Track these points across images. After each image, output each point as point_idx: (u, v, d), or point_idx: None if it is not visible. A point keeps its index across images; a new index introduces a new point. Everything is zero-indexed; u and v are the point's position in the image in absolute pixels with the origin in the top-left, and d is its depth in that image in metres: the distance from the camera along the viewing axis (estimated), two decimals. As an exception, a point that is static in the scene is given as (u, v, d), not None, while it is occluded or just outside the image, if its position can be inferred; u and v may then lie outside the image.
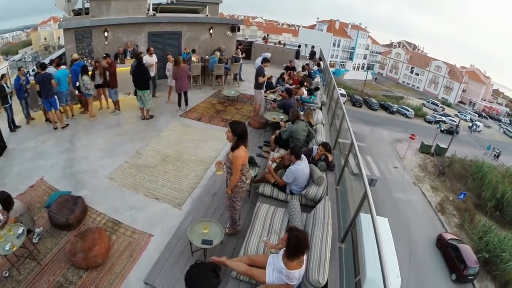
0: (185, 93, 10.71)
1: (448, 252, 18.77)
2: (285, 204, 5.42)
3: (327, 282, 3.68)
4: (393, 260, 12.57)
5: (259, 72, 9.68)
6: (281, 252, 3.70)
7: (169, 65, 11.37)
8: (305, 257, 3.63)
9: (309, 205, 5.43)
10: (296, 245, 3.43)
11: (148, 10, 13.27)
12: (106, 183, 6.54)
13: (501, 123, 71.21)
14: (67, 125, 9.06)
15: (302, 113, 8.79)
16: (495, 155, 39.90)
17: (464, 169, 32.53)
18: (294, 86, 10.68)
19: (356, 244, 11.86)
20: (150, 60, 11.14)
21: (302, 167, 5.48)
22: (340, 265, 4.33)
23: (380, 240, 3.34)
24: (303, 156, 5.64)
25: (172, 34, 14.14)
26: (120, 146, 8.11)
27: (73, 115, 9.85)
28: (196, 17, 15.58)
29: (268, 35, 25.53)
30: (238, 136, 4.22)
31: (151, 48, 11.55)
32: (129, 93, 11.47)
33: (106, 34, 12.18)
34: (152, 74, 11.13)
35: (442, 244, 19.60)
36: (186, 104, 10.92)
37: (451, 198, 26.20)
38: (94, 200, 5.94)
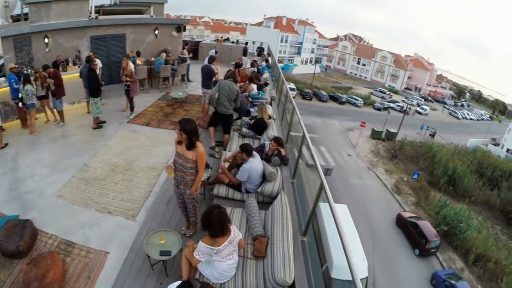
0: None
1: (408, 230, 19.74)
2: (242, 203, 5.27)
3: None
4: (357, 244, 12.92)
5: (210, 72, 9.55)
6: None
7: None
8: (230, 245, 3.62)
9: (266, 202, 5.31)
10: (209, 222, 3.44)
11: (90, 13, 12.52)
12: (54, 202, 6.05)
13: (445, 105, 76.80)
14: (6, 144, 8.28)
15: (252, 109, 8.71)
16: (430, 134, 42.23)
17: (415, 151, 34.43)
18: (242, 83, 10.58)
19: (319, 234, 12.02)
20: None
21: (255, 164, 5.38)
22: (305, 259, 4.26)
23: (341, 226, 3.30)
24: (255, 153, 5.54)
25: (116, 37, 13.50)
26: (66, 160, 7.57)
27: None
28: (140, 18, 14.97)
29: (222, 37, 25.10)
30: (190, 133, 4.10)
31: (91, 53, 10.99)
32: (73, 103, 10.85)
33: (46, 40, 11.38)
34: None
35: (402, 223, 20.55)
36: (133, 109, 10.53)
37: (405, 179, 27.50)
38: (44, 221, 5.46)
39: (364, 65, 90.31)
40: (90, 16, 12.51)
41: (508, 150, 46.82)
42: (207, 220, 3.45)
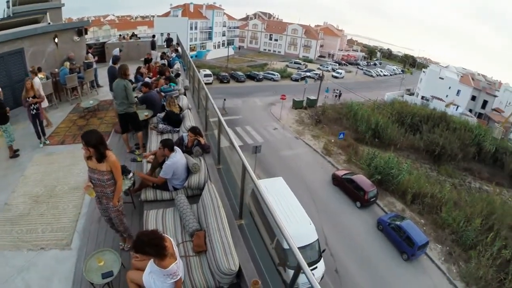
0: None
1: (346, 186, 20.82)
2: (172, 202, 5.12)
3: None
4: (300, 211, 13.28)
5: (114, 73, 9.03)
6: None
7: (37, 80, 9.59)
8: (175, 249, 3.44)
9: (196, 195, 5.26)
10: (148, 247, 3.15)
11: (-19, 31, 10.99)
12: (-15, 254, 5.44)
13: (359, 66, 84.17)
14: None
15: (165, 104, 8.49)
16: (336, 95, 44.79)
17: (337, 112, 36.39)
18: (154, 78, 10.23)
19: (262, 212, 12.24)
20: None
21: (177, 158, 5.27)
22: (246, 242, 4.31)
23: (268, 201, 3.44)
24: (176, 147, 5.41)
25: (13, 53, 11.83)
26: (-16, 204, 6.80)
27: None
28: (36, 27, 13.28)
29: (128, 34, 23.65)
30: (96, 145, 3.90)
31: None
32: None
33: None
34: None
35: (338, 181, 21.59)
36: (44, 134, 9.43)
37: (332, 140, 28.87)
38: (-22, 280, 4.91)
39: (276, 40, 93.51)
40: (-19, 35, 11.07)
41: (423, 97, 52.03)
42: (152, 247, 3.15)
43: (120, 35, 23.06)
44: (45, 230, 5.76)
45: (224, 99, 34.72)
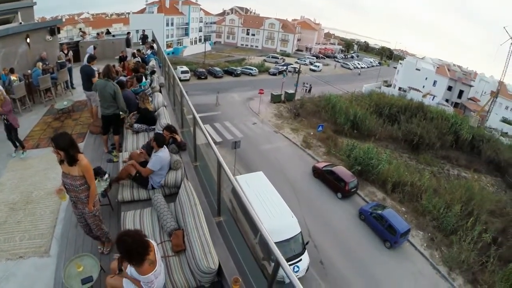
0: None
1: (326, 178, 20.98)
2: (149, 202, 5.05)
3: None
4: (282, 204, 13.33)
5: (89, 73, 8.81)
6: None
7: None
8: (157, 256, 3.35)
9: (173, 193, 5.21)
10: (129, 250, 3.08)
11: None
12: (-37, 266, 5.25)
13: (336, 59, 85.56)
14: None
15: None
16: (306, 89, 45.07)
17: (316, 105, 36.61)
18: (129, 77, 10.02)
19: (244, 208, 12.23)
20: None
21: (166, 154, 5.27)
22: (225, 238, 4.30)
23: (243, 196, 3.50)
24: (164, 146, 5.37)
25: None
26: (-40, 216, 6.55)
27: None
28: (8, 28, 12.78)
29: (102, 32, 22.99)
30: (66, 148, 3.76)
31: None
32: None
33: None
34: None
35: (318, 173, 21.74)
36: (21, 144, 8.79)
37: (312, 133, 29.07)
38: (-41, 296, 4.74)
39: (253, 35, 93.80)
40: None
41: (400, 88, 53.17)
42: (129, 253, 3.09)
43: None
44: (23, 238, 5.61)
45: (218, 92, 35.46)
